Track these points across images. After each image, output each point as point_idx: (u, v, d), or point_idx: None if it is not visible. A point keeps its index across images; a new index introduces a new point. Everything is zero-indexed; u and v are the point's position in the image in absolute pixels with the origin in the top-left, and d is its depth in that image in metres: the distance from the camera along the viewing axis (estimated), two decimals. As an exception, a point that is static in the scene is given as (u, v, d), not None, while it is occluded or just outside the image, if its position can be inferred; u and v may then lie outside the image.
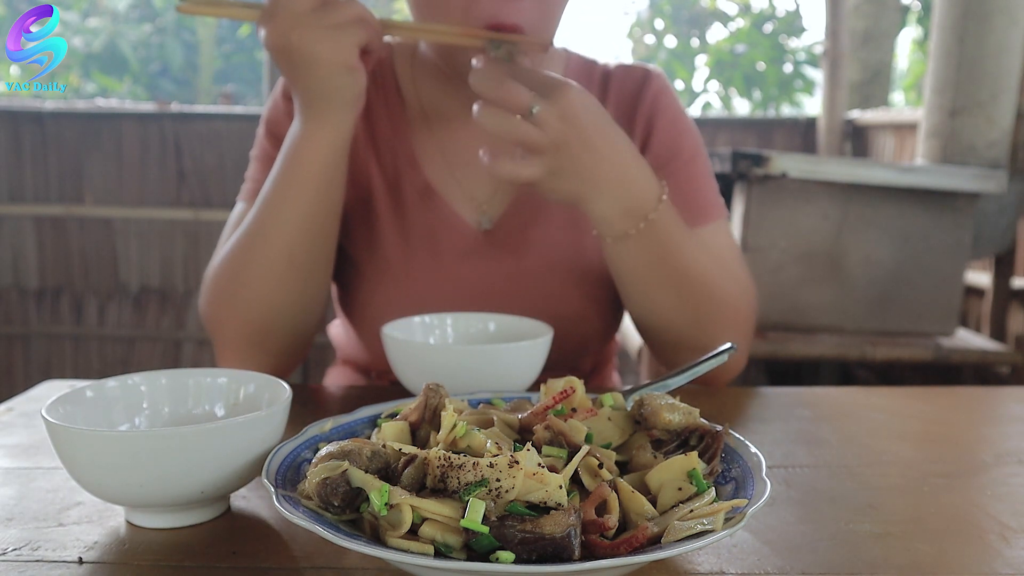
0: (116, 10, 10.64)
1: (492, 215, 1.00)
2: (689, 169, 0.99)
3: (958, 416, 0.88)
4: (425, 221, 0.99)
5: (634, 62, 1.07)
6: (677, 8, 10.21)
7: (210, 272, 0.93)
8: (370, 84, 1.01)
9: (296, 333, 0.93)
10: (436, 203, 0.99)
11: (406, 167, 1.00)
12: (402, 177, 1.00)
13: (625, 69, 1.05)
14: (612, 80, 1.04)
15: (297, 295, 0.89)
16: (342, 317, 1.11)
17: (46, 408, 0.56)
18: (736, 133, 3.60)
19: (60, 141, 3.42)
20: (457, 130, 1.02)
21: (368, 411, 0.65)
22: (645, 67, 1.06)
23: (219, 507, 0.59)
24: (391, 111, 1.02)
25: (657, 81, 1.03)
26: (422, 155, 1.01)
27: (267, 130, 1.01)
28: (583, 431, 0.57)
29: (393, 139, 1.01)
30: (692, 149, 1.01)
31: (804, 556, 0.54)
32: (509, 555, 0.45)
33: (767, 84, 9.41)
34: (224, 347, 0.93)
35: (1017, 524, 0.59)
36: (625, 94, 1.02)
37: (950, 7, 2.17)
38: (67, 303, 3.55)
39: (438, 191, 1.00)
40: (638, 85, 1.03)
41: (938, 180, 2.03)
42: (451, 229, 0.99)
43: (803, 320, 2.12)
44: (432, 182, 1.00)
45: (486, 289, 0.98)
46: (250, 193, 0.98)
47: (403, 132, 1.01)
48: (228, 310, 0.91)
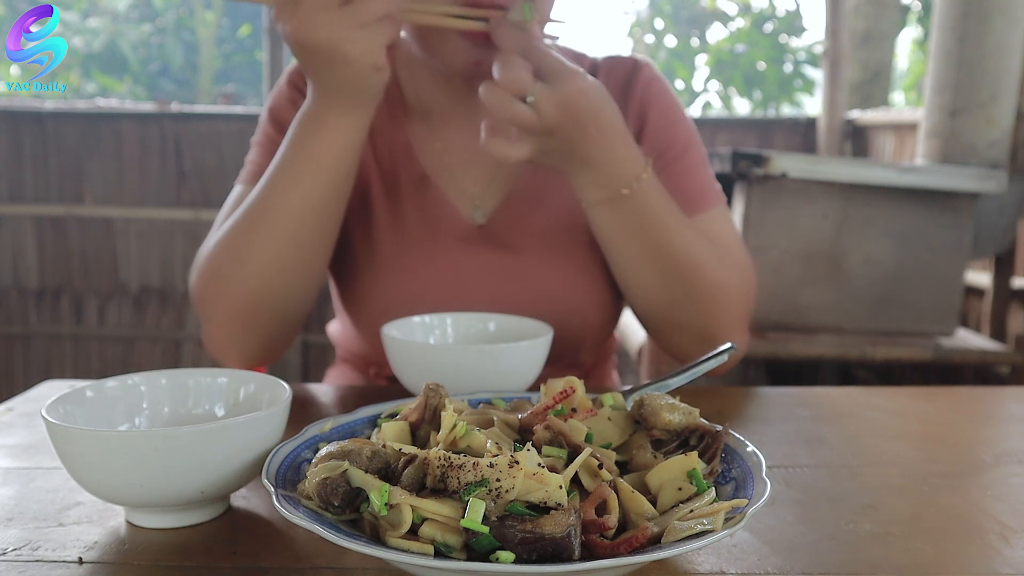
0: (116, 10, 10.64)
1: (486, 210, 1.01)
2: (684, 159, 0.99)
3: (958, 416, 0.88)
4: (420, 211, 0.99)
5: (622, 54, 1.07)
6: (677, 8, 10.21)
7: (205, 250, 0.92)
8: None
9: (288, 316, 0.92)
10: (432, 193, 0.99)
11: (402, 158, 1.00)
12: (398, 168, 1.00)
13: (613, 60, 1.05)
14: (600, 71, 1.04)
15: (295, 276, 0.89)
16: (340, 311, 1.11)
17: (46, 408, 0.56)
18: (736, 133, 3.60)
19: (60, 141, 3.43)
20: (451, 125, 1.02)
21: (368, 411, 0.65)
22: (634, 58, 1.06)
23: (219, 507, 0.59)
24: (389, 101, 1.02)
25: (647, 71, 1.03)
26: (418, 147, 1.01)
27: (271, 117, 1.00)
28: (583, 431, 0.57)
29: (390, 130, 1.01)
30: (686, 138, 1.01)
31: (804, 556, 0.54)
32: (509, 555, 0.45)
33: (767, 84, 9.42)
34: (213, 325, 0.92)
35: (1017, 524, 0.59)
36: (614, 85, 1.01)
37: (950, 7, 2.17)
38: (67, 303, 3.55)
39: (434, 182, 1.00)
40: (627, 76, 1.03)
41: (938, 180, 2.03)
42: (446, 219, 0.99)
43: (803, 320, 2.12)
44: (428, 173, 1.00)
45: (481, 280, 0.98)
46: (250, 176, 0.98)
47: (400, 123, 1.02)
48: (223, 287, 0.89)
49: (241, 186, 0.98)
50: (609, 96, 0.83)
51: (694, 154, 1.01)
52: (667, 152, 0.99)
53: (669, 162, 0.98)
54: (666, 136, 1.00)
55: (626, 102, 1.01)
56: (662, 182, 0.92)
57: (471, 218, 1.00)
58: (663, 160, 0.98)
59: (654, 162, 0.93)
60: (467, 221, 1.00)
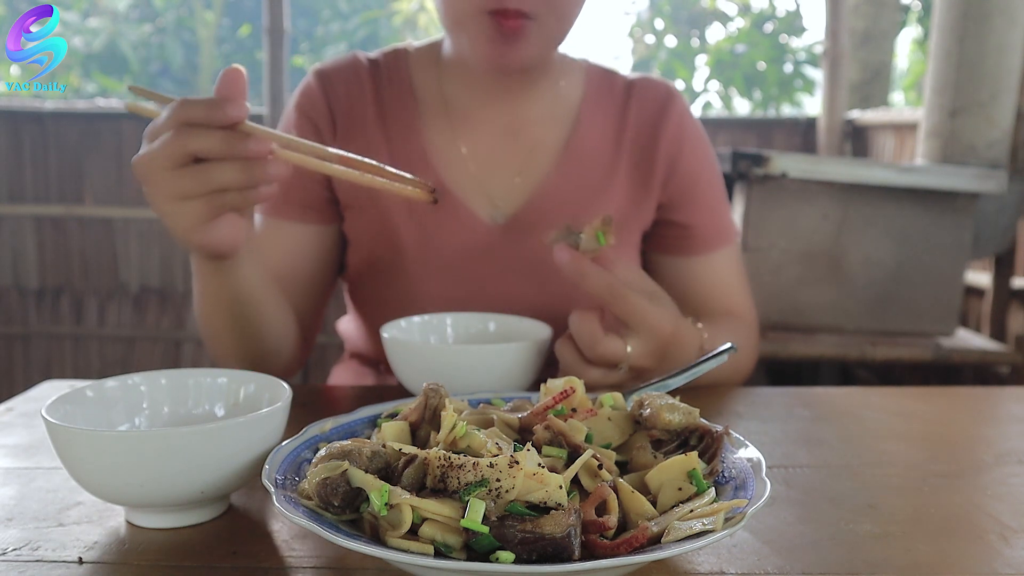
0: (116, 10, 10.63)
1: (506, 211, 1.02)
2: (710, 193, 1.07)
3: (958, 416, 0.88)
4: (437, 219, 1.00)
5: (652, 75, 1.12)
6: (677, 8, 10.21)
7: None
8: (384, 83, 1.03)
9: (288, 355, 0.97)
10: (448, 201, 1.00)
11: (418, 165, 1.01)
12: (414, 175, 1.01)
13: (646, 82, 1.08)
14: (634, 91, 1.07)
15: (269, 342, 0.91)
16: (353, 311, 1.12)
17: (46, 408, 0.56)
18: (736, 133, 3.59)
19: (60, 141, 3.42)
20: (478, 126, 1.03)
21: (368, 411, 0.65)
22: (667, 84, 1.09)
23: (219, 507, 0.59)
24: (405, 111, 1.03)
25: (680, 102, 1.08)
26: (436, 154, 1.02)
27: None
28: (583, 431, 0.57)
29: (404, 139, 1.02)
30: (712, 172, 1.08)
31: (804, 556, 0.54)
32: (509, 555, 0.45)
33: (767, 84, 9.41)
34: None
35: (1017, 524, 0.59)
36: (647, 108, 1.06)
37: (950, 7, 2.17)
38: (67, 303, 3.55)
39: (451, 190, 1.01)
40: (662, 103, 1.06)
41: (938, 180, 2.03)
42: (463, 227, 1.00)
43: (803, 320, 2.12)
44: (446, 180, 1.01)
45: (499, 287, 1.00)
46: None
47: (416, 131, 1.02)
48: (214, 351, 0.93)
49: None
50: (682, 319, 0.84)
51: (718, 188, 1.09)
52: (696, 186, 1.05)
53: (696, 196, 1.06)
54: (697, 168, 1.06)
55: (659, 128, 1.04)
56: (688, 213, 1.03)
57: (491, 219, 1.01)
58: (692, 192, 1.05)
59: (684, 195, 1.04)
60: (486, 223, 1.01)
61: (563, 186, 1.02)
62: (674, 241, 1.07)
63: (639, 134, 1.05)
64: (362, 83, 1.04)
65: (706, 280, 1.06)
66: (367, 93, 1.03)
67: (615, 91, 1.07)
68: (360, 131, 1.02)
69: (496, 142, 1.03)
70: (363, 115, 1.02)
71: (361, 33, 10.69)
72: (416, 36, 9.85)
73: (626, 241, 1.06)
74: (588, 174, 1.03)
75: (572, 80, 1.07)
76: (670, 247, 1.08)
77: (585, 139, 1.04)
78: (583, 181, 1.03)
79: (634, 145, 1.04)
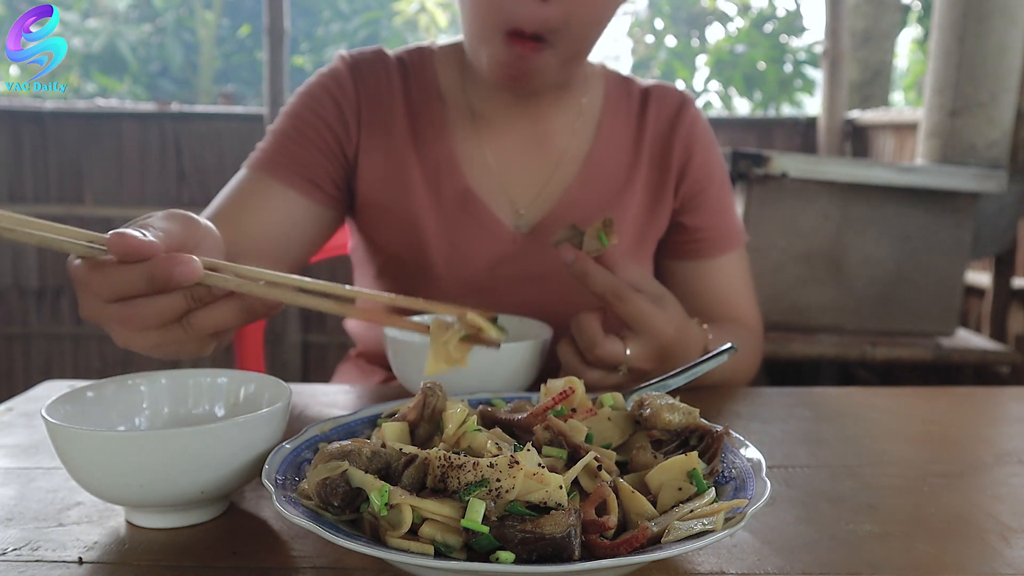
0: (116, 10, 10.64)
1: (530, 221, 1.02)
2: (719, 197, 1.08)
3: (958, 416, 0.88)
4: (463, 224, 1.00)
5: (667, 82, 1.13)
6: (677, 8, 10.21)
7: None
8: (411, 81, 1.03)
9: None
10: (475, 207, 1.00)
11: (446, 172, 1.01)
12: (442, 179, 1.01)
13: (662, 89, 1.09)
14: (651, 97, 1.08)
15: None
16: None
17: (46, 408, 0.56)
18: (736, 133, 3.59)
19: (60, 141, 3.42)
20: (504, 133, 1.03)
21: (368, 411, 0.65)
22: (681, 92, 1.10)
23: (219, 507, 0.59)
24: (432, 112, 1.02)
25: (692, 108, 1.09)
26: (463, 158, 1.01)
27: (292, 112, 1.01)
28: (583, 431, 0.57)
29: (435, 143, 1.01)
30: (721, 177, 1.09)
31: (804, 556, 0.54)
32: (509, 555, 0.45)
33: (767, 84, 9.41)
34: None
35: (1017, 524, 0.59)
36: (664, 114, 1.07)
37: (950, 7, 2.17)
38: (67, 303, 3.55)
39: (478, 195, 1.01)
40: (676, 109, 1.07)
41: (938, 180, 2.03)
42: (490, 235, 1.00)
43: (803, 320, 2.12)
44: (472, 186, 1.01)
45: (518, 295, 1.00)
46: (256, 162, 0.98)
47: (444, 134, 1.02)
48: None
49: (246, 170, 0.98)
50: (687, 320, 0.84)
51: (727, 192, 1.10)
52: (707, 189, 1.06)
53: (706, 198, 1.06)
54: (707, 172, 1.07)
55: (673, 133, 1.06)
56: (698, 217, 1.04)
57: (516, 228, 1.01)
58: (702, 196, 1.06)
59: (694, 198, 1.05)
60: (511, 231, 1.01)
61: (585, 196, 1.02)
62: (683, 245, 1.07)
63: (655, 143, 1.05)
64: (391, 77, 1.02)
65: (713, 284, 1.07)
66: (396, 88, 1.02)
67: (632, 100, 1.07)
68: (386, 125, 1.00)
69: (521, 151, 1.03)
70: (390, 109, 1.01)
71: (361, 34, 10.70)
72: (416, 37, 9.85)
73: (642, 248, 1.06)
74: (608, 184, 1.03)
75: (593, 92, 1.07)
76: (679, 251, 1.08)
77: (605, 150, 1.04)
78: (603, 191, 1.03)
79: (651, 154, 1.05)
